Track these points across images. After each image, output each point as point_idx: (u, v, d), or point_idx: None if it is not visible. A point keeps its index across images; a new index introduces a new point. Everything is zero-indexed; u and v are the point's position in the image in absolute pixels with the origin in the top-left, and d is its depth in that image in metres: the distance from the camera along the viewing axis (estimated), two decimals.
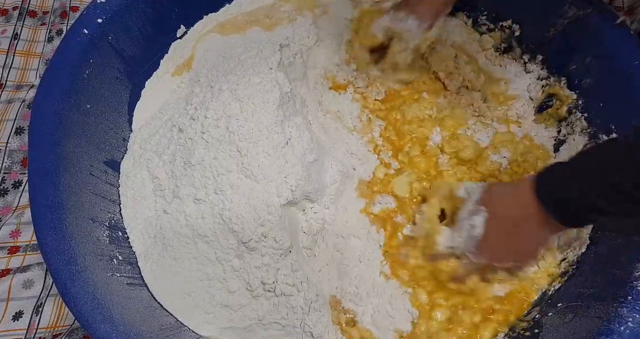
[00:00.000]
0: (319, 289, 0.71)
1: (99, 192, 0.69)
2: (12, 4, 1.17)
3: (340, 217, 0.76)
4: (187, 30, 0.84)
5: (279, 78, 0.73)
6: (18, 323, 0.79)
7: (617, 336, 0.55)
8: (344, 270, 0.73)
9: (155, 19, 0.77)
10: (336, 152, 0.80)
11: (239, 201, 0.67)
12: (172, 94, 0.80)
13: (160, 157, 0.73)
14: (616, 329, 0.55)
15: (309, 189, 0.72)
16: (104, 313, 0.56)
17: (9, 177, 0.94)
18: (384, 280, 0.73)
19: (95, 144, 0.70)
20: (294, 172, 0.70)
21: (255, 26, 0.86)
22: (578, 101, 0.77)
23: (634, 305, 0.56)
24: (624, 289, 0.58)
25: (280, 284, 0.68)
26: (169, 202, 0.71)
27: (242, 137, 0.68)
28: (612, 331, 0.55)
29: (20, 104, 1.01)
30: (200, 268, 0.68)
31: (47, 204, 0.60)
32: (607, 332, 0.55)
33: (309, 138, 0.74)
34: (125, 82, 0.76)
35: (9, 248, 0.87)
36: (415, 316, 0.70)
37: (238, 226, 0.66)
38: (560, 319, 0.64)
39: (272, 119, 0.70)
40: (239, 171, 0.68)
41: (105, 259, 0.65)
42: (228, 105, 0.70)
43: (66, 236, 0.59)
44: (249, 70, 0.73)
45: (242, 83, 0.72)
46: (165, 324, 0.65)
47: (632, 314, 0.56)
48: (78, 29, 0.69)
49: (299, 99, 0.80)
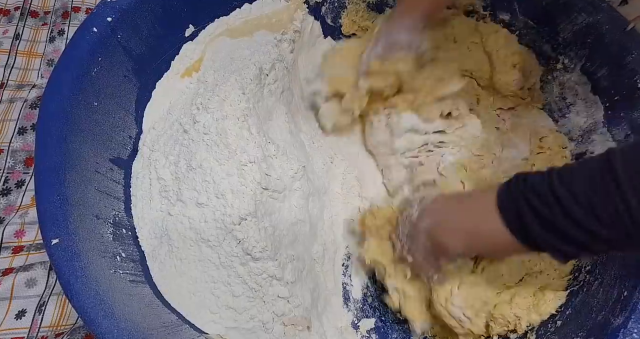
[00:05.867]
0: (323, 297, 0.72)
1: (104, 189, 0.69)
2: (14, 4, 1.17)
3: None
4: (196, 29, 0.84)
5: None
6: (21, 321, 0.79)
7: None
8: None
9: (164, 18, 0.78)
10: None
11: (239, 206, 0.67)
12: (181, 95, 0.80)
13: (167, 159, 0.73)
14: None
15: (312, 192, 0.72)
16: (106, 309, 0.56)
17: (12, 177, 0.95)
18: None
19: (101, 141, 0.70)
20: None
21: (263, 29, 0.87)
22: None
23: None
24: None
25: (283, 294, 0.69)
26: (173, 204, 0.71)
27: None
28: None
29: (22, 104, 1.01)
30: (205, 270, 0.68)
31: (53, 200, 0.60)
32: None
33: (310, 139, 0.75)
34: (133, 81, 0.76)
35: (13, 248, 0.87)
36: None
37: (242, 234, 0.66)
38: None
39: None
40: (240, 176, 0.68)
41: (108, 256, 0.64)
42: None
43: (70, 232, 0.59)
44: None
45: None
46: (167, 321, 0.65)
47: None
48: (88, 27, 0.69)
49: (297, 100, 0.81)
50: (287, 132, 0.81)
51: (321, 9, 0.97)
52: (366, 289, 0.85)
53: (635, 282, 0.58)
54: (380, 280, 0.79)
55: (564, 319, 0.66)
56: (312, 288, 0.76)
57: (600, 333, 0.58)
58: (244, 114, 0.71)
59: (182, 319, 0.67)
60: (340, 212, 0.88)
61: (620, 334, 0.55)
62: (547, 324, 0.67)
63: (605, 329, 0.57)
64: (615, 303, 0.59)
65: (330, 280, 0.83)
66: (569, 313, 0.66)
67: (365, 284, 0.85)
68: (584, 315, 0.63)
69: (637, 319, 0.55)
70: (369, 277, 0.86)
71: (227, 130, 0.69)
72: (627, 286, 0.59)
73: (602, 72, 0.73)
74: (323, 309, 0.78)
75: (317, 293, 0.77)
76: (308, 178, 0.79)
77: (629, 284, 0.59)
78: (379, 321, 0.82)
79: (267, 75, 0.78)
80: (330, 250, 0.84)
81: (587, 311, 0.63)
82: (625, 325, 0.55)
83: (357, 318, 0.82)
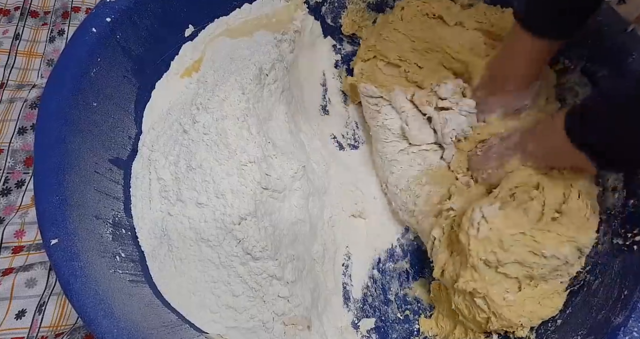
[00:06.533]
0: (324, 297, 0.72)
1: (104, 189, 0.69)
2: (14, 4, 1.17)
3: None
4: (195, 30, 0.84)
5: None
6: (21, 321, 0.79)
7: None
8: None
9: (164, 18, 0.78)
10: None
11: (239, 206, 0.67)
12: (181, 95, 0.80)
13: (167, 159, 0.73)
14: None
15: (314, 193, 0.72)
16: (105, 309, 0.56)
17: (12, 177, 0.95)
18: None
19: (100, 142, 0.70)
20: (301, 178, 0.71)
21: (263, 29, 0.87)
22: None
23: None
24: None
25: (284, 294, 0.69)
26: (173, 204, 0.71)
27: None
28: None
29: (22, 104, 1.02)
30: (205, 270, 0.68)
31: (52, 201, 0.60)
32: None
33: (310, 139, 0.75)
34: (133, 81, 0.76)
35: (13, 248, 0.87)
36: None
37: (242, 233, 0.66)
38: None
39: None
40: (240, 175, 0.68)
41: (108, 256, 0.64)
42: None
43: (69, 233, 0.59)
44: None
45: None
46: (167, 321, 0.65)
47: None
48: (87, 27, 0.69)
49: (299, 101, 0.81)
50: (287, 132, 0.81)
51: (321, 8, 0.97)
52: (366, 289, 0.85)
53: (635, 281, 0.58)
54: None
55: (564, 318, 0.66)
56: (312, 287, 0.76)
57: (600, 331, 0.58)
58: (243, 114, 0.71)
59: (182, 319, 0.67)
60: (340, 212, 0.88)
61: (621, 332, 0.55)
62: (547, 323, 0.67)
63: (605, 328, 0.57)
64: (615, 302, 0.59)
65: (331, 280, 0.83)
66: (569, 312, 0.66)
67: (366, 284, 0.85)
68: (584, 314, 0.63)
69: (637, 318, 0.55)
70: (369, 277, 0.86)
71: (226, 130, 0.70)
72: (628, 285, 0.59)
73: (602, 73, 0.73)
74: (323, 309, 0.78)
75: (317, 292, 0.77)
76: (308, 178, 0.79)
77: (630, 284, 0.59)
78: (379, 321, 0.82)
79: (267, 75, 0.78)
80: (330, 250, 0.84)
81: (587, 310, 0.63)
82: (626, 324, 0.55)
83: (357, 318, 0.82)
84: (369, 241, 0.89)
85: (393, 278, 0.86)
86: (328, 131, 0.97)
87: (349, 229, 0.89)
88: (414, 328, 0.82)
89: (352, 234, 0.89)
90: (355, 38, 1.02)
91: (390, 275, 0.86)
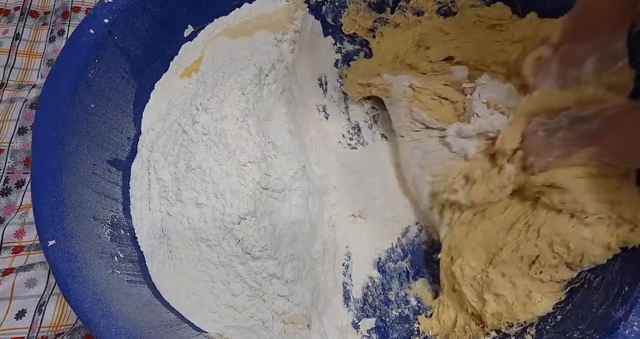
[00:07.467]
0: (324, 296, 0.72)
1: (102, 190, 0.69)
2: (14, 4, 1.17)
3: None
4: (195, 29, 0.84)
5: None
6: (21, 321, 0.79)
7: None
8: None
9: (162, 19, 0.77)
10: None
11: (239, 206, 0.67)
12: (180, 96, 0.80)
13: (166, 159, 0.73)
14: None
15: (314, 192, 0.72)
16: (103, 309, 0.56)
17: (12, 177, 0.95)
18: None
19: (99, 143, 0.70)
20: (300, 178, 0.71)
21: (263, 29, 0.86)
22: None
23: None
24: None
25: (283, 293, 0.69)
26: (172, 204, 0.71)
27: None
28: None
29: (22, 104, 1.02)
30: (204, 269, 0.68)
31: (49, 202, 0.60)
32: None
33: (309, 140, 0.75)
34: (131, 82, 0.76)
35: (13, 248, 0.87)
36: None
37: (241, 233, 0.66)
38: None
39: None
40: (239, 175, 0.68)
41: (106, 256, 0.64)
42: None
43: (67, 234, 0.59)
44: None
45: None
46: (165, 320, 0.65)
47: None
48: (84, 28, 0.69)
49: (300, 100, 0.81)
50: (287, 132, 0.81)
51: (321, 8, 0.97)
52: (366, 289, 0.85)
53: (636, 277, 0.58)
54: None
55: (564, 314, 0.66)
56: (313, 287, 0.76)
57: (600, 325, 0.58)
58: (243, 114, 0.71)
59: (181, 318, 0.67)
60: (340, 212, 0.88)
61: (621, 326, 0.55)
62: (547, 319, 0.67)
63: (605, 322, 0.57)
64: (616, 298, 0.59)
65: (331, 280, 0.83)
66: (569, 309, 0.66)
67: (366, 284, 0.85)
68: (584, 310, 0.63)
69: (638, 312, 0.55)
70: (369, 277, 0.86)
71: (226, 130, 0.70)
72: (629, 281, 0.59)
73: None
74: (323, 308, 0.78)
75: (318, 292, 0.77)
76: (308, 178, 0.79)
77: (631, 280, 0.59)
78: (380, 320, 0.82)
79: (267, 75, 0.78)
80: (330, 250, 0.84)
81: (587, 306, 0.63)
82: (626, 318, 0.55)
83: (357, 318, 0.82)
84: (369, 241, 0.89)
85: (393, 278, 0.86)
86: (328, 131, 0.97)
87: (349, 229, 0.89)
88: (414, 327, 0.82)
89: (352, 234, 0.88)
90: (356, 37, 1.02)
91: (390, 275, 0.86)
